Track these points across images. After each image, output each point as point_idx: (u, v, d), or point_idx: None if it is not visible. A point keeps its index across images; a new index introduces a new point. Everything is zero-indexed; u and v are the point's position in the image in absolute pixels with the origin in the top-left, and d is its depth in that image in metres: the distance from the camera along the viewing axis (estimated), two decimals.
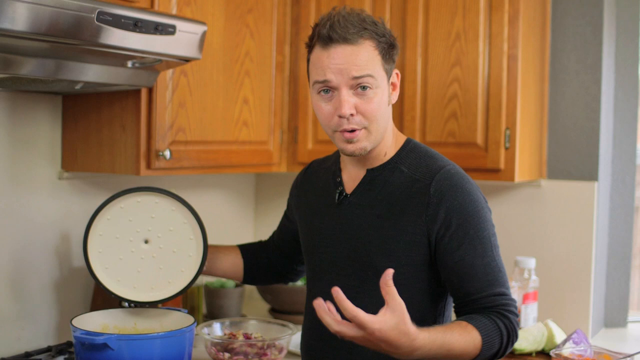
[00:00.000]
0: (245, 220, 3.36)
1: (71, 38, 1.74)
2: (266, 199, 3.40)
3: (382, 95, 1.77)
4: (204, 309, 2.86)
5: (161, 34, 1.94)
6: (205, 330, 2.26)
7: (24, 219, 2.36)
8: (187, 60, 2.10)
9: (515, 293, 2.68)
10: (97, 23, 1.77)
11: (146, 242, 2.03)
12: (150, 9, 2.19)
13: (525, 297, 2.67)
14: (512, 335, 1.74)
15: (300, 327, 2.17)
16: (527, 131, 2.65)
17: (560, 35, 2.83)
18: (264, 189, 3.41)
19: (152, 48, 1.93)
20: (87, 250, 1.99)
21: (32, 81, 2.01)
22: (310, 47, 1.82)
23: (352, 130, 1.76)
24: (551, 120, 2.85)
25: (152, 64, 2.05)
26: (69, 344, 2.31)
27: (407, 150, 1.87)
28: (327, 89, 1.77)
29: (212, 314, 2.82)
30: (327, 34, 1.75)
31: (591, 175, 2.80)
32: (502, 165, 2.54)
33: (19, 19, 1.63)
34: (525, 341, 2.51)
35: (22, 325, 2.36)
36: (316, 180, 2.03)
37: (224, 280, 2.89)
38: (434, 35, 2.63)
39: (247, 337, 2.26)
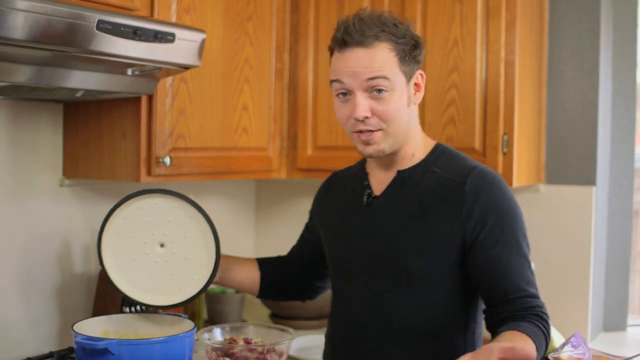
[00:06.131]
0: (245, 226, 3.37)
1: (71, 46, 1.76)
2: (266, 205, 3.41)
3: (400, 97, 1.77)
4: (204, 315, 2.87)
5: (161, 42, 1.96)
6: (206, 335, 2.27)
7: (26, 226, 2.37)
8: (186, 67, 2.11)
9: None
10: (97, 31, 1.79)
11: (161, 245, 2.01)
12: (149, 18, 2.20)
13: None
14: (549, 339, 1.73)
15: (299, 332, 2.19)
16: (525, 136, 2.66)
17: (557, 41, 2.84)
18: (264, 195, 3.42)
19: (151, 56, 1.95)
20: (102, 246, 1.97)
21: (33, 89, 2.03)
22: (331, 51, 1.84)
23: (370, 132, 1.77)
24: (549, 126, 2.86)
25: (152, 72, 2.07)
26: (70, 349, 2.32)
27: (438, 152, 1.87)
28: (345, 92, 1.78)
29: (213, 320, 2.83)
30: (341, 37, 1.77)
31: (589, 179, 2.81)
32: (500, 170, 2.55)
33: (19, 27, 1.65)
34: None
35: (24, 331, 2.37)
36: (341, 188, 2.01)
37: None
38: (432, 42, 2.64)
39: (247, 342, 2.27)
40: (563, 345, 2.25)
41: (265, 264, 2.19)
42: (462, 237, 1.75)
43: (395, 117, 1.77)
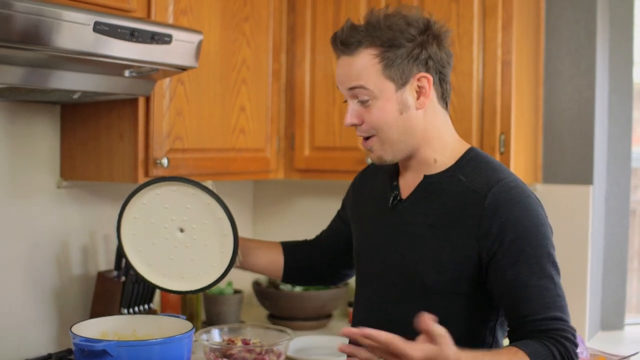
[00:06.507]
0: (243, 226, 3.37)
1: (69, 48, 1.76)
2: (264, 206, 3.41)
3: (384, 106, 1.71)
4: (202, 316, 2.87)
5: (158, 43, 1.96)
6: (204, 336, 2.27)
7: (24, 228, 2.37)
8: (183, 69, 2.11)
9: None
10: (94, 33, 1.79)
11: (181, 231, 2.00)
12: (146, 19, 2.20)
13: None
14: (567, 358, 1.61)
15: (297, 333, 2.19)
16: (522, 136, 2.67)
17: (554, 40, 2.85)
18: (262, 195, 3.42)
19: (149, 57, 1.95)
20: (121, 232, 1.98)
21: (30, 91, 2.03)
22: None
23: (367, 138, 1.76)
24: (546, 125, 2.87)
25: (149, 73, 2.07)
26: (69, 351, 2.32)
27: (468, 158, 1.77)
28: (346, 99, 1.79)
29: (211, 321, 2.83)
30: (332, 45, 1.76)
31: (586, 179, 2.82)
32: None
33: (16, 29, 1.65)
34: None
35: (22, 333, 2.37)
36: (374, 181, 1.95)
37: (222, 287, 2.91)
38: None
39: (245, 342, 2.27)
40: None
41: (290, 249, 2.16)
42: (478, 253, 1.66)
43: (383, 125, 1.72)
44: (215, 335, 2.32)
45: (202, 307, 2.85)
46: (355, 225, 1.98)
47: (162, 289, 2.03)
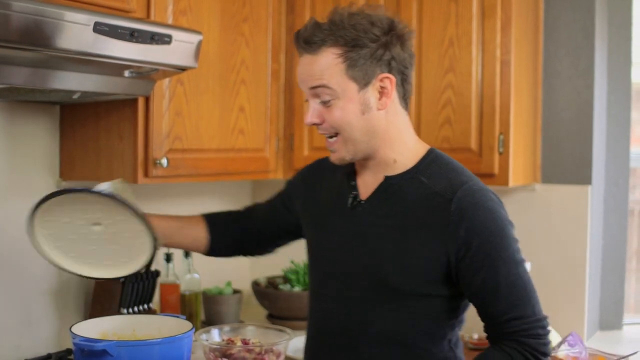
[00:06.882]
0: None
1: (69, 48, 1.76)
2: None
3: (346, 106, 1.69)
4: (202, 315, 2.87)
5: (157, 43, 1.96)
6: (204, 336, 2.27)
7: (22, 228, 2.37)
8: (183, 69, 2.12)
9: None
10: (94, 33, 1.79)
11: (98, 224, 1.95)
12: (146, 19, 2.21)
13: None
14: (535, 357, 1.67)
15: (297, 333, 2.19)
16: (521, 136, 2.67)
17: (552, 41, 2.85)
18: (261, 196, 3.41)
19: (148, 58, 1.95)
20: (35, 234, 1.91)
21: (29, 91, 2.03)
22: None
23: (332, 137, 1.74)
24: (544, 125, 2.87)
25: (149, 74, 2.07)
26: (68, 351, 2.32)
27: (429, 160, 1.77)
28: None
29: (210, 320, 2.83)
30: (295, 43, 1.74)
31: (585, 179, 2.82)
32: (496, 170, 2.56)
33: (16, 29, 1.65)
34: None
35: (22, 333, 2.37)
36: (329, 178, 1.92)
37: (221, 287, 2.91)
38: (428, 42, 2.65)
39: (245, 342, 2.27)
40: (560, 344, 2.27)
41: (215, 225, 2.10)
42: (447, 257, 1.68)
43: (345, 125, 1.70)
44: (215, 335, 2.32)
45: (201, 307, 2.85)
46: (307, 222, 1.95)
47: (92, 278, 1.99)
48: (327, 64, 1.68)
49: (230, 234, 2.11)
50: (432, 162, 1.77)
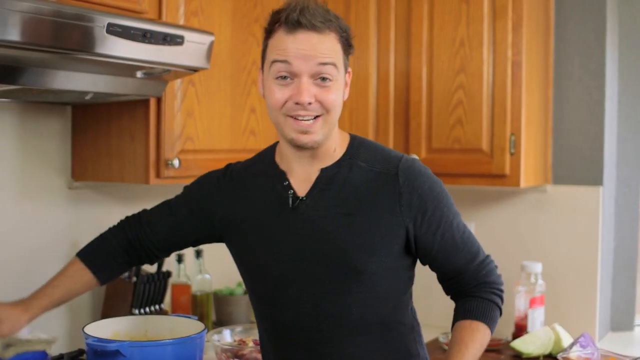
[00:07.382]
0: None
1: (81, 49, 1.77)
2: None
3: (340, 88, 1.73)
4: (213, 316, 2.88)
5: (169, 44, 1.96)
6: (216, 337, 2.28)
7: (35, 228, 2.38)
8: (195, 70, 2.12)
9: (522, 297, 2.70)
10: (107, 34, 1.80)
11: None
12: (158, 20, 2.21)
13: (532, 302, 2.68)
14: (502, 295, 1.84)
15: None
16: (532, 137, 2.67)
17: (563, 42, 2.85)
18: None
19: (160, 58, 1.96)
20: None
21: (42, 92, 2.04)
22: (270, 31, 1.76)
23: (310, 120, 1.71)
24: (556, 126, 2.87)
25: (161, 74, 2.07)
26: (80, 351, 2.32)
27: (357, 145, 1.82)
28: (286, 75, 1.70)
29: (221, 321, 2.83)
30: (296, 18, 1.69)
31: (596, 180, 2.82)
32: (507, 171, 2.56)
33: (29, 30, 1.66)
34: (532, 345, 2.52)
35: (33, 333, 2.37)
36: (251, 189, 1.87)
37: (232, 287, 2.91)
38: (439, 42, 2.65)
39: (256, 343, 2.28)
40: (572, 345, 2.26)
41: (96, 264, 2.01)
42: (405, 227, 1.75)
43: (335, 107, 1.72)
44: (227, 336, 2.33)
45: (212, 307, 2.85)
46: (237, 234, 1.88)
47: None
48: (332, 45, 1.71)
49: (119, 265, 2.04)
50: (360, 146, 1.83)
